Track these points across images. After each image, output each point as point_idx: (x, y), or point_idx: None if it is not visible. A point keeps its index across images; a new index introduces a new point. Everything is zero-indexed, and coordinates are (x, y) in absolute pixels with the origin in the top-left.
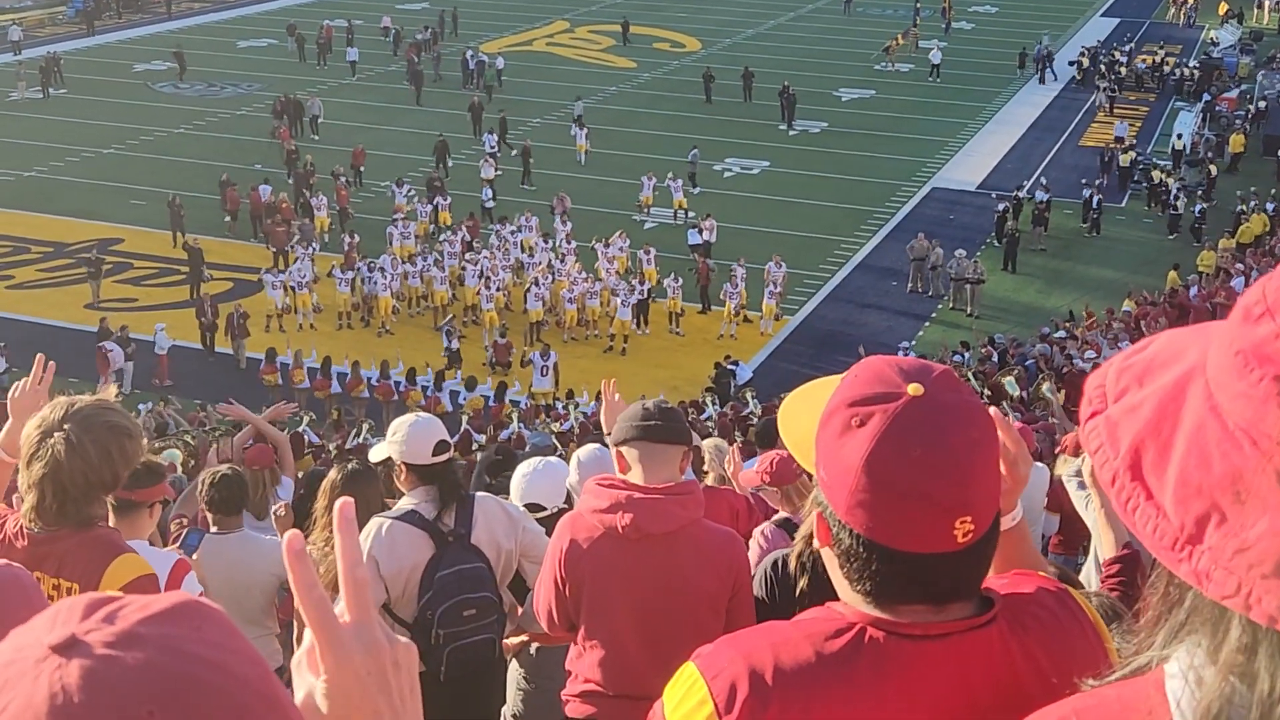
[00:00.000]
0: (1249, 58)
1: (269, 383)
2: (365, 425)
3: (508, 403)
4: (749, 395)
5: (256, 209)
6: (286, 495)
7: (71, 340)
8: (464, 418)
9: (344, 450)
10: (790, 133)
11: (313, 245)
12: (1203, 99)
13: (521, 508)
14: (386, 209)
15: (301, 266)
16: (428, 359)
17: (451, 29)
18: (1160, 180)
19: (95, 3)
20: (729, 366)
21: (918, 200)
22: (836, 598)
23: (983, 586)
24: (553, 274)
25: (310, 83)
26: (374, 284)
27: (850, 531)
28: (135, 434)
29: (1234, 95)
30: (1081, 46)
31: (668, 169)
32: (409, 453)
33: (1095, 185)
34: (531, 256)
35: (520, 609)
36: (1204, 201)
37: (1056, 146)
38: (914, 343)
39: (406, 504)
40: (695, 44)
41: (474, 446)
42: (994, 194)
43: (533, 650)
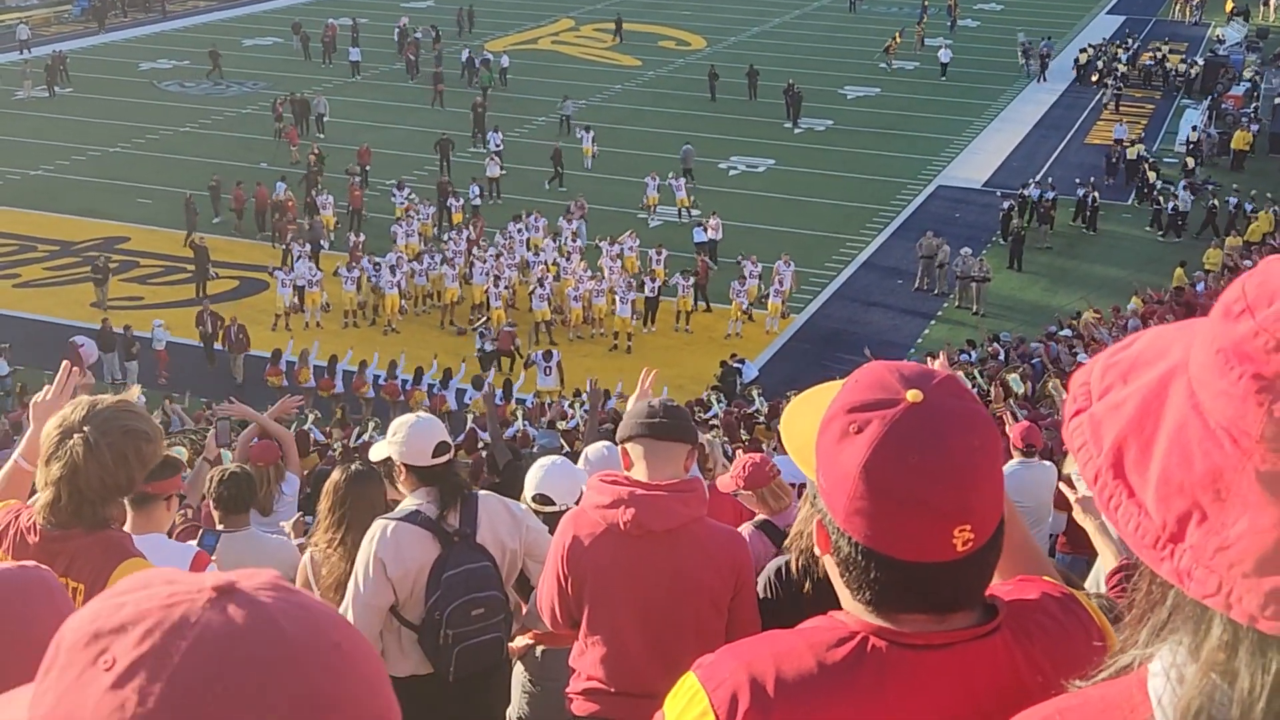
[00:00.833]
0: (1255, 55)
1: (273, 384)
2: (371, 424)
3: (513, 401)
4: (754, 393)
5: (262, 206)
6: (291, 492)
7: None
8: (469, 416)
9: (349, 449)
10: (795, 131)
11: (321, 244)
12: (1209, 97)
13: (524, 506)
14: (391, 208)
15: (301, 266)
16: (434, 357)
17: (468, 27)
18: (1154, 180)
19: (103, 0)
20: (734, 365)
21: (923, 198)
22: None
23: (986, 593)
24: (559, 273)
25: (315, 81)
26: (380, 278)
27: (849, 539)
28: (154, 437)
29: (1240, 93)
30: (1086, 44)
31: (671, 168)
32: (409, 454)
33: (1090, 184)
34: (538, 255)
35: (525, 608)
36: (1211, 199)
37: (1062, 144)
38: (920, 341)
39: (410, 504)
40: (700, 42)
41: (479, 445)
42: (999, 192)
43: (538, 653)
